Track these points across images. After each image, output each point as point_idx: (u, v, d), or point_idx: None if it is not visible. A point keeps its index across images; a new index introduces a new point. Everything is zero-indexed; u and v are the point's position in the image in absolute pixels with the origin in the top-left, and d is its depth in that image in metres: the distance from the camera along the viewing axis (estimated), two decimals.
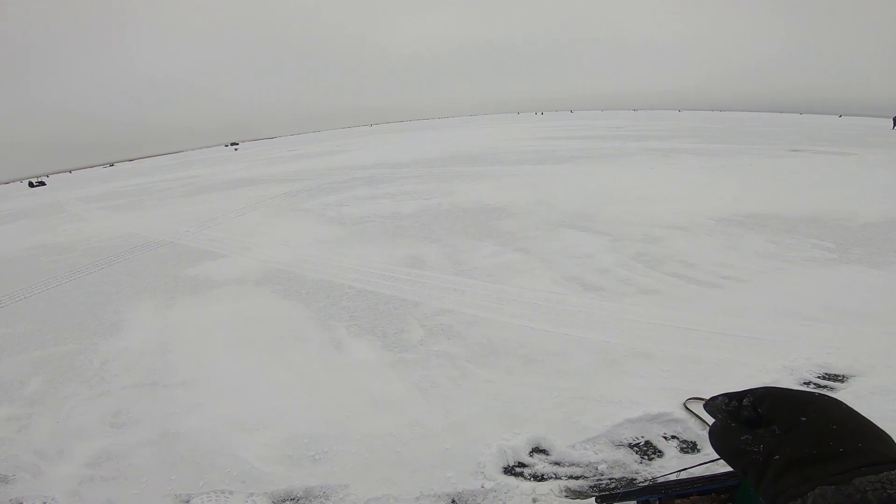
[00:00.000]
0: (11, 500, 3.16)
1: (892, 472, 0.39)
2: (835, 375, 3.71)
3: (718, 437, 0.52)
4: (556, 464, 3.05)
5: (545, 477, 2.96)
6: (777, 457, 0.45)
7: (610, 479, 2.88)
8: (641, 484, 2.76)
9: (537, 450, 3.18)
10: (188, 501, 3.01)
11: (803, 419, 0.46)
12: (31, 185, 42.87)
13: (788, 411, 0.48)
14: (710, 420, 0.56)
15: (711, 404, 0.56)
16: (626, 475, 2.90)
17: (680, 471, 2.74)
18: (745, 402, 0.52)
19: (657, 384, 3.71)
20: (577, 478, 2.92)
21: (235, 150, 69.84)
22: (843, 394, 3.41)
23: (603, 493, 1.28)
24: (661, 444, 3.16)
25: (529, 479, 2.94)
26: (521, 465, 3.07)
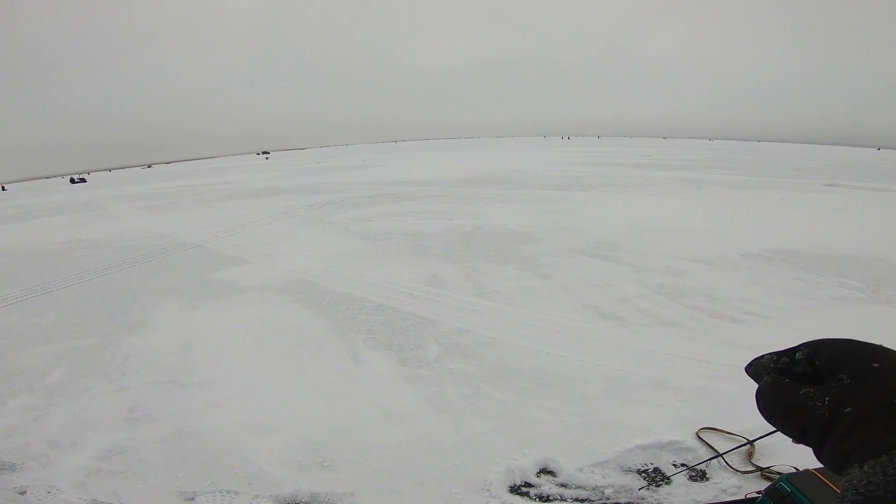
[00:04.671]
0: (16, 487, 3.21)
1: None
2: None
3: (769, 397, 0.44)
4: (563, 485, 3.01)
5: (551, 498, 2.93)
6: (849, 409, 0.38)
7: (615, 503, 2.84)
8: None
9: (545, 471, 3.15)
10: (193, 499, 3.05)
11: (876, 365, 0.40)
12: (72, 181, 44.53)
13: (856, 358, 0.42)
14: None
15: (756, 364, 0.49)
16: (633, 500, 2.85)
17: None
18: (797, 355, 0.46)
19: (671, 413, 3.65)
20: (582, 500, 2.88)
21: (266, 158, 71.54)
22: None
23: None
24: (670, 471, 3.10)
25: (535, 500, 2.92)
26: (528, 485, 3.05)
